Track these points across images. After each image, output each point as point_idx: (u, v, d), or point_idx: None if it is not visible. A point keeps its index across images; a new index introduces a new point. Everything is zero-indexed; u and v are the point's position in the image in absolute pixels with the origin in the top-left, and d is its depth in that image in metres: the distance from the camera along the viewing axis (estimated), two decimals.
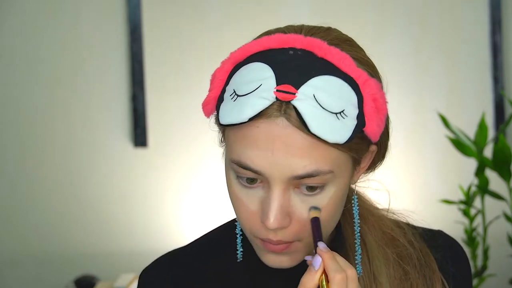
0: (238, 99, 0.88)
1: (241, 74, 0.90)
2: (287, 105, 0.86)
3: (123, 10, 2.67)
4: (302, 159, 0.87)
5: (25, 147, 2.64)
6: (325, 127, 0.86)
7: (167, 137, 2.67)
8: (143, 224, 2.65)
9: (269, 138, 0.87)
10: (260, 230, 0.91)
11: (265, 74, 0.87)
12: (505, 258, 2.54)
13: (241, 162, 0.89)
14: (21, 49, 2.64)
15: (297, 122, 0.86)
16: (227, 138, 0.93)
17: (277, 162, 0.87)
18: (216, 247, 1.05)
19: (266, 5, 2.70)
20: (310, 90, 0.86)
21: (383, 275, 0.99)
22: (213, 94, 0.93)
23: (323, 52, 0.89)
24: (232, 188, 0.92)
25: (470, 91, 2.79)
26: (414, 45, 2.76)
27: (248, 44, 0.92)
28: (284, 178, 0.88)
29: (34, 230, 2.64)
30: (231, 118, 0.88)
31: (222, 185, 2.81)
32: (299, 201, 0.90)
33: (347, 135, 0.87)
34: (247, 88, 0.88)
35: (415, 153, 2.74)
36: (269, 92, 0.86)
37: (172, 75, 2.68)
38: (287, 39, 0.90)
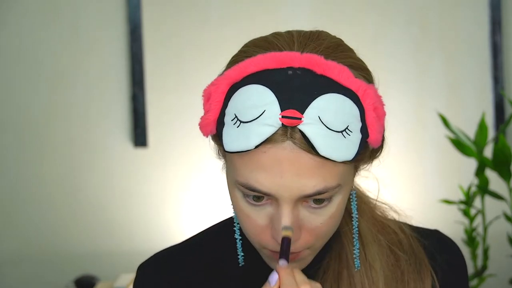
0: (241, 125, 0.88)
1: (240, 97, 0.89)
2: (292, 130, 0.86)
3: (123, 10, 2.67)
4: (311, 179, 0.87)
5: (25, 147, 2.64)
6: (333, 147, 0.86)
7: (167, 137, 2.67)
8: (143, 224, 2.65)
9: (276, 162, 0.87)
10: (270, 243, 0.91)
11: (267, 99, 0.87)
12: (505, 258, 2.54)
13: (249, 185, 0.89)
14: (21, 49, 2.64)
15: (304, 145, 0.86)
16: (230, 160, 0.92)
17: (286, 185, 0.87)
18: (214, 244, 1.05)
19: (266, 5, 2.70)
20: (315, 112, 0.86)
21: (377, 261, 0.99)
22: (211, 116, 0.91)
23: (322, 68, 0.88)
24: (238, 205, 0.92)
25: (470, 91, 2.79)
26: (414, 45, 2.76)
27: (243, 64, 0.90)
28: (293, 198, 0.88)
29: (34, 230, 2.64)
30: (238, 146, 0.88)
31: (222, 185, 2.80)
32: (307, 214, 0.90)
33: (354, 151, 0.88)
34: (250, 114, 0.87)
35: (415, 153, 2.74)
36: (274, 119, 0.86)
37: (172, 75, 2.68)
38: (284, 58, 0.88)
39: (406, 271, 1.00)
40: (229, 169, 0.93)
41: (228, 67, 0.94)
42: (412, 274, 1.00)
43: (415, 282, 1.00)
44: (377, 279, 0.98)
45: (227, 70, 0.92)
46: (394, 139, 1.01)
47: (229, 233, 1.02)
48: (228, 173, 0.94)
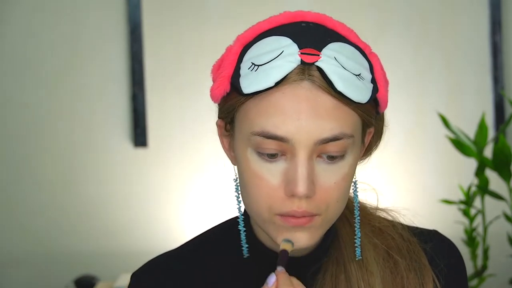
0: (259, 68, 0.88)
1: (256, 48, 0.90)
2: (309, 69, 0.88)
3: (123, 10, 2.67)
4: (328, 122, 0.87)
5: (25, 147, 2.64)
6: (349, 86, 0.88)
7: (167, 137, 2.67)
8: (143, 224, 2.65)
9: (294, 102, 0.87)
10: (283, 204, 0.90)
11: (284, 43, 0.89)
12: (505, 258, 2.54)
13: (265, 132, 0.88)
14: (21, 49, 2.64)
15: (322, 83, 0.87)
16: (244, 114, 0.91)
17: (303, 126, 0.87)
18: (212, 248, 1.04)
19: (266, 5, 2.70)
20: (331, 53, 0.89)
21: (373, 265, 0.99)
22: (225, 74, 0.92)
23: (332, 24, 0.93)
24: (250, 166, 0.91)
25: (470, 91, 2.79)
26: (414, 45, 2.76)
27: (255, 25, 0.93)
28: (310, 143, 0.87)
29: (34, 230, 2.64)
30: (257, 86, 0.88)
31: (222, 185, 2.81)
32: (321, 170, 0.90)
33: (368, 96, 0.90)
34: (268, 57, 0.88)
35: (415, 153, 2.74)
36: (293, 56, 0.88)
37: (172, 75, 2.68)
38: (296, 15, 0.93)
39: (405, 276, 0.99)
40: (241, 130, 0.92)
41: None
42: (412, 279, 0.99)
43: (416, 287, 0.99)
44: (373, 282, 0.98)
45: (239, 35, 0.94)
46: (394, 139, 1.02)
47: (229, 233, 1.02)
48: (239, 137, 0.93)
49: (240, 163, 0.93)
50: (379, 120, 0.98)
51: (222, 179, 2.63)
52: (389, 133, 1.02)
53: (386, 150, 1.06)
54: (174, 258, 1.04)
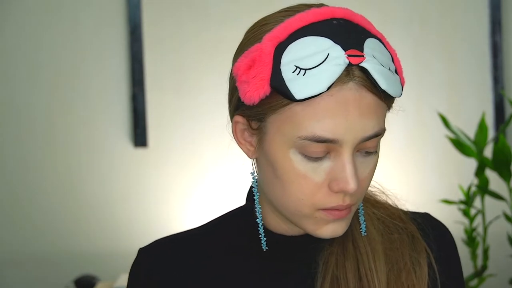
0: (307, 72, 0.89)
1: (294, 50, 0.90)
2: (353, 69, 0.89)
3: (123, 10, 2.67)
4: (371, 120, 0.91)
5: (25, 147, 2.64)
6: (390, 83, 0.91)
7: (167, 137, 2.67)
8: (143, 224, 2.65)
9: (342, 104, 0.89)
10: (329, 200, 0.92)
11: (326, 44, 0.89)
12: (505, 258, 2.54)
13: (316, 136, 0.89)
14: (21, 49, 2.64)
15: (366, 82, 0.90)
16: (288, 117, 0.91)
17: (350, 127, 0.89)
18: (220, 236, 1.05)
19: (266, 5, 2.69)
20: (369, 51, 0.91)
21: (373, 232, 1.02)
22: (263, 76, 0.90)
23: (357, 19, 0.94)
24: (294, 166, 0.92)
25: (470, 91, 2.79)
26: (414, 45, 2.76)
27: (284, 23, 0.92)
28: (356, 142, 0.91)
29: (34, 230, 2.64)
30: (310, 91, 0.88)
31: (223, 184, 2.81)
32: (359, 163, 0.93)
33: (400, 88, 0.94)
34: (314, 60, 0.89)
35: (415, 153, 2.74)
36: (341, 59, 0.89)
37: (172, 75, 2.68)
38: (326, 11, 0.92)
39: (400, 243, 1.02)
40: (283, 131, 0.92)
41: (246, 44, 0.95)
42: (406, 246, 1.02)
43: (410, 255, 1.02)
44: (378, 249, 1.01)
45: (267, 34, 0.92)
46: (394, 139, 1.03)
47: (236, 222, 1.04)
48: (277, 137, 0.92)
49: (277, 162, 0.93)
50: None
51: (222, 179, 2.63)
52: (389, 133, 1.02)
53: (386, 150, 1.06)
54: (182, 240, 1.06)
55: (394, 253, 1.01)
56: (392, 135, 1.04)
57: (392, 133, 1.03)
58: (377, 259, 1.00)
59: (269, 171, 0.95)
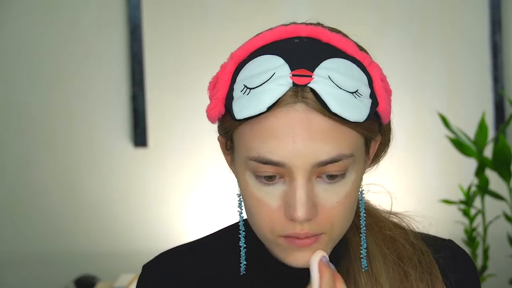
0: (251, 91, 0.86)
1: (248, 69, 0.88)
2: (302, 90, 0.85)
3: (123, 10, 2.67)
4: (324, 144, 0.85)
5: (25, 147, 2.64)
6: (345, 106, 0.85)
7: (167, 137, 2.67)
8: (143, 224, 2.65)
9: (288, 126, 0.85)
10: (285, 227, 0.88)
11: (276, 63, 0.86)
12: (505, 258, 2.54)
13: (260, 157, 0.86)
14: (21, 49, 2.64)
15: (316, 104, 0.85)
16: (240, 138, 0.89)
17: (299, 150, 0.85)
18: (217, 250, 1.04)
19: (266, 4, 2.70)
20: (324, 72, 0.86)
21: (383, 276, 0.97)
22: (219, 95, 0.90)
23: (327, 37, 0.89)
24: (249, 190, 0.90)
25: (470, 91, 2.79)
26: (414, 45, 2.76)
27: (249, 42, 0.90)
28: (307, 167, 0.86)
29: (34, 230, 2.64)
30: (249, 111, 0.86)
31: (223, 185, 2.80)
32: (322, 190, 0.88)
33: (365, 113, 0.87)
34: (260, 79, 0.86)
35: (415, 153, 2.74)
36: (284, 78, 0.85)
37: (172, 75, 2.68)
38: (290, 30, 0.89)
39: (416, 287, 0.97)
40: (239, 152, 0.90)
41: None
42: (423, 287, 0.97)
43: None
44: None
45: (233, 52, 0.91)
46: (394, 139, 1.02)
47: (233, 240, 1.00)
48: (238, 157, 0.91)
49: (240, 184, 0.92)
50: (384, 131, 0.97)
51: (222, 179, 2.63)
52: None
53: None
54: (184, 253, 1.04)
55: None
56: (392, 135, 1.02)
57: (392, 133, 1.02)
58: None
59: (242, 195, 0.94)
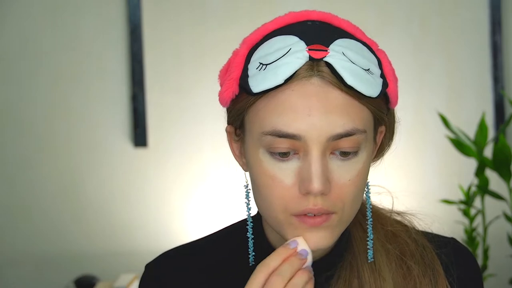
0: (268, 67, 0.87)
1: (263, 49, 0.89)
2: (318, 64, 0.87)
3: (123, 10, 2.67)
4: (339, 117, 0.87)
5: (25, 147, 2.64)
6: (359, 80, 0.87)
7: (167, 137, 2.67)
8: (143, 224, 2.65)
9: (305, 99, 0.86)
10: (299, 203, 0.89)
11: (292, 40, 0.88)
12: (505, 258, 2.54)
13: (276, 130, 0.87)
14: (21, 49, 2.64)
15: (332, 78, 0.86)
16: (254, 115, 0.90)
17: (315, 123, 0.86)
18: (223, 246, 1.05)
19: (266, 5, 2.70)
20: (339, 48, 0.88)
21: (386, 271, 0.98)
22: (233, 76, 0.90)
23: (338, 22, 0.92)
24: (263, 167, 0.90)
25: (470, 91, 2.79)
26: (414, 45, 2.76)
27: (261, 27, 0.92)
28: (322, 139, 0.87)
29: (34, 230, 2.64)
30: (265, 84, 0.87)
31: (223, 185, 2.80)
32: (336, 167, 0.89)
33: (378, 90, 0.89)
34: (276, 55, 0.87)
35: (415, 153, 2.74)
36: (301, 52, 0.87)
37: (172, 75, 2.68)
38: (301, 14, 0.92)
39: (418, 282, 0.98)
40: (252, 131, 0.91)
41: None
42: (426, 285, 0.98)
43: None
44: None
45: (245, 38, 0.92)
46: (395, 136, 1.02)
47: (240, 235, 1.02)
48: (250, 139, 0.92)
49: (252, 166, 0.92)
50: (390, 118, 0.99)
51: (222, 179, 2.63)
52: None
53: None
54: (186, 253, 1.05)
55: None
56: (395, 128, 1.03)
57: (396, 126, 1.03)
58: None
59: (252, 180, 0.94)
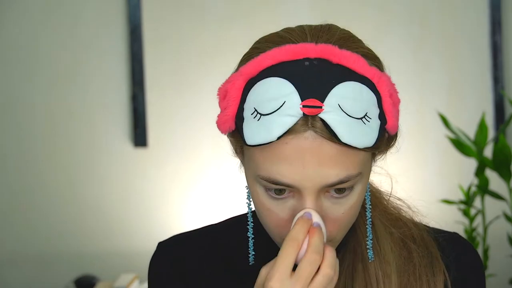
0: (262, 118, 0.88)
1: (259, 91, 0.89)
2: (313, 118, 0.87)
3: (123, 10, 2.67)
4: (333, 169, 0.88)
5: (25, 147, 2.64)
6: (354, 134, 0.87)
7: (167, 137, 2.67)
8: (143, 224, 2.65)
9: (298, 153, 0.87)
10: None
11: (286, 90, 0.87)
12: (505, 258, 2.54)
13: (271, 179, 0.89)
14: (21, 49, 2.64)
15: (326, 133, 0.87)
16: (250, 157, 0.92)
17: (308, 175, 0.87)
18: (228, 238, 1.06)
19: (265, 4, 2.69)
20: (334, 100, 0.87)
21: (390, 254, 1.00)
22: (230, 112, 0.91)
23: (337, 58, 0.89)
24: (260, 200, 0.92)
25: (470, 91, 2.79)
26: (414, 45, 2.76)
27: (258, 58, 0.90)
28: (316, 188, 0.88)
29: (34, 230, 2.64)
30: (259, 139, 0.88)
31: (223, 185, 2.80)
32: (330, 204, 0.91)
33: (374, 138, 0.90)
34: (270, 106, 0.87)
35: (415, 153, 2.74)
36: (295, 109, 0.86)
37: (172, 75, 2.68)
38: (300, 50, 0.89)
39: (418, 264, 1.00)
40: (249, 165, 0.93)
41: (241, 64, 0.94)
42: (424, 268, 1.00)
43: (427, 276, 1.00)
44: (390, 271, 0.99)
45: (242, 67, 0.91)
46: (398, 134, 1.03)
47: (242, 230, 1.02)
48: (248, 169, 0.94)
49: (251, 191, 0.94)
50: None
51: (222, 179, 2.63)
52: None
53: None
54: (198, 236, 1.07)
55: (409, 276, 0.99)
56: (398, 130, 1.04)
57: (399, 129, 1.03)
58: (387, 283, 0.98)
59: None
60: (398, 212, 1.06)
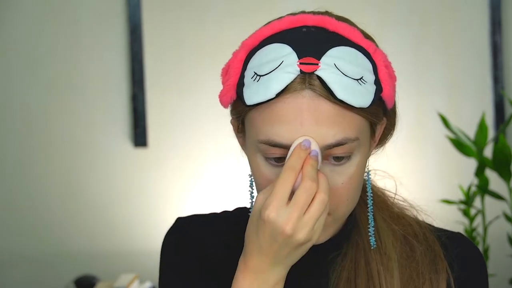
0: (261, 78, 0.90)
1: (258, 56, 0.92)
2: (310, 77, 0.89)
3: (123, 10, 2.67)
4: (331, 128, 0.89)
5: (25, 147, 2.64)
6: (350, 92, 0.89)
7: (167, 137, 2.67)
8: (143, 224, 2.65)
9: (296, 111, 0.89)
10: None
11: (284, 51, 0.90)
12: (505, 258, 2.54)
13: (270, 140, 0.90)
14: (21, 49, 2.64)
15: (323, 91, 0.89)
16: (251, 121, 0.93)
17: (306, 134, 0.89)
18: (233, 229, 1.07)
19: (266, 4, 2.70)
20: (330, 60, 0.89)
21: (392, 250, 1.01)
22: (231, 81, 0.93)
23: (334, 26, 0.93)
24: (260, 171, 0.93)
25: (470, 91, 2.79)
26: (414, 45, 2.76)
27: (259, 30, 0.94)
28: None
29: (34, 230, 2.64)
30: (258, 97, 0.90)
31: (223, 185, 2.80)
32: (328, 171, 0.92)
33: (370, 99, 0.91)
34: (269, 67, 0.90)
35: (415, 153, 2.74)
36: (292, 66, 0.89)
37: (172, 75, 2.68)
38: (298, 19, 0.94)
39: (421, 262, 1.01)
40: (250, 134, 0.94)
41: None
42: (427, 265, 1.01)
43: (429, 273, 1.00)
44: (392, 267, 0.99)
45: (244, 40, 0.95)
46: (393, 139, 1.03)
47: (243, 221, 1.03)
48: (249, 141, 0.95)
49: (251, 166, 0.96)
50: (390, 114, 1.01)
51: (222, 179, 2.63)
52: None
53: (385, 149, 1.07)
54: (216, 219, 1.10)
55: (411, 273, 1.00)
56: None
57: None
58: (389, 278, 0.99)
59: (252, 176, 0.97)
60: (401, 211, 1.07)
